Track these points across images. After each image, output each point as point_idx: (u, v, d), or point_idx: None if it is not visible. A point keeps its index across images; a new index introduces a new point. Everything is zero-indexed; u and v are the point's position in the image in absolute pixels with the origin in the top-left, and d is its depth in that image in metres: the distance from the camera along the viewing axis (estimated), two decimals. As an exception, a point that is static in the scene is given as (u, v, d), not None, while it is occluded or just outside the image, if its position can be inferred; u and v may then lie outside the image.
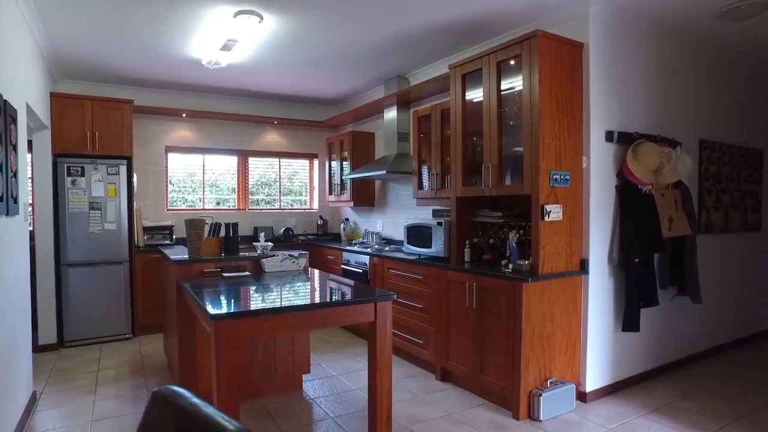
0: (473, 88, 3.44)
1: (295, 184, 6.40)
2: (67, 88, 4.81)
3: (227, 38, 3.70)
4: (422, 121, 4.25)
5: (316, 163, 6.45)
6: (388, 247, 4.72)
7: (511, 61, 3.11)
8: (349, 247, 4.97)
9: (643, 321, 3.32)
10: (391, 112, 4.92)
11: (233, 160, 5.93)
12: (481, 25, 3.53)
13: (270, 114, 5.92)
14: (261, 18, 3.32)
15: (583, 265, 3.12)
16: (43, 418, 2.93)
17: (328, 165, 6.09)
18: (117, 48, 3.98)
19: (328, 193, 6.09)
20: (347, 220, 6.01)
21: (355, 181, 5.40)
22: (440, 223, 3.68)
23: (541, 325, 2.93)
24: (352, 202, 5.48)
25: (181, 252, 3.54)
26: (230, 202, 5.96)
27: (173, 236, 5.09)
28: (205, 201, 5.79)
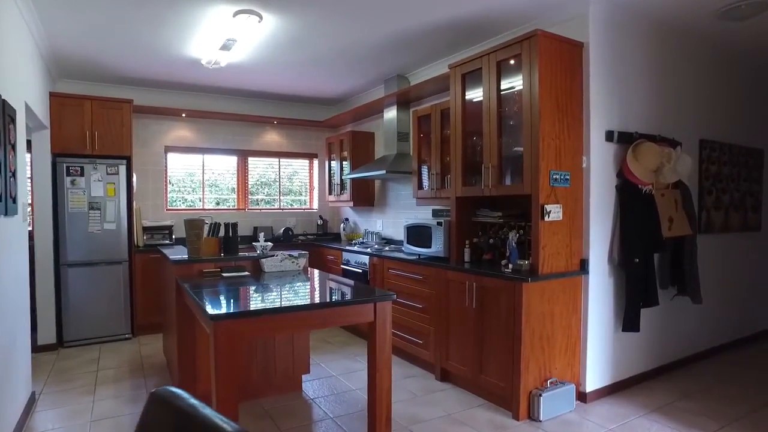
0: (473, 87, 3.43)
1: (294, 184, 6.40)
2: (66, 88, 4.80)
3: (227, 38, 3.69)
4: (422, 121, 4.24)
5: (315, 162, 6.45)
6: (387, 247, 4.71)
7: (511, 61, 3.11)
8: (348, 247, 4.97)
9: (643, 321, 3.31)
10: (391, 112, 4.91)
11: (233, 159, 5.93)
12: (481, 25, 3.52)
13: (269, 114, 5.91)
14: (260, 17, 3.32)
15: (583, 265, 3.12)
16: (42, 419, 2.92)
17: (328, 165, 6.09)
18: (116, 48, 3.98)
19: (328, 193, 6.08)
20: (347, 220, 6.01)
21: (354, 180, 5.40)
22: (440, 223, 3.67)
23: (541, 325, 2.93)
24: (351, 202, 5.48)
25: (181, 252, 3.54)
26: (230, 202, 5.95)
27: (173, 236, 5.08)
28: (204, 201, 5.79)
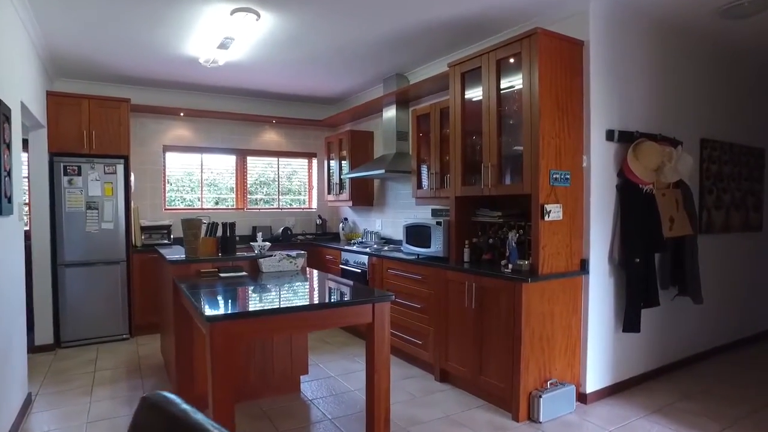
0: (473, 86, 3.41)
1: (293, 183, 6.38)
2: (63, 87, 4.78)
3: (224, 36, 3.67)
4: (421, 120, 4.22)
5: (314, 162, 6.42)
6: (387, 247, 4.69)
7: (510, 60, 3.08)
8: (347, 247, 4.94)
9: (644, 321, 3.29)
10: (390, 111, 4.89)
11: (231, 159, 5.90)
12: (481, 23, 3.50)
13: (268, 113, 5.89)
14: (258, 16, 3.29)
15: (584, 265, 3.10)
16: (38, 420, 2.90)
17: (327, 164, 6.07)
18: (113, 46, 3.95)
19: (327, 193, 6.06)
20: (346, 219, 5.99)
21: (353, 180, 5.38)
22: (439, 223, 3.65)
23: (541, 325, 2.90)
24: (350, 202, 5.46)
25: (178, 252, 3.51)
26: (228, 202, 5.93)
27: (171, 236, 5.06)
28: (203, 200, 5.77)
